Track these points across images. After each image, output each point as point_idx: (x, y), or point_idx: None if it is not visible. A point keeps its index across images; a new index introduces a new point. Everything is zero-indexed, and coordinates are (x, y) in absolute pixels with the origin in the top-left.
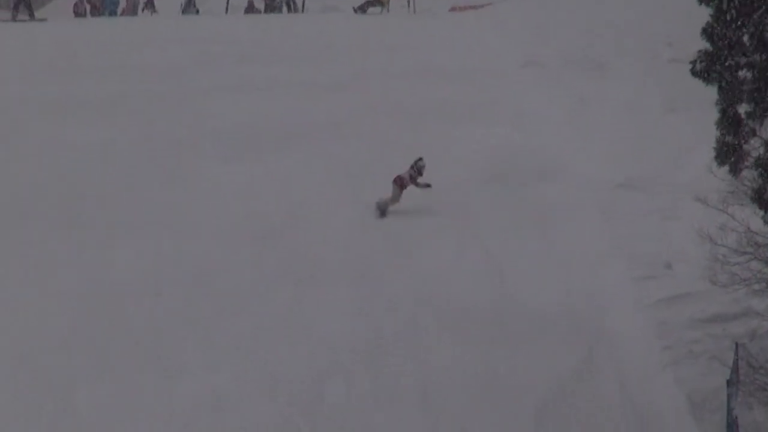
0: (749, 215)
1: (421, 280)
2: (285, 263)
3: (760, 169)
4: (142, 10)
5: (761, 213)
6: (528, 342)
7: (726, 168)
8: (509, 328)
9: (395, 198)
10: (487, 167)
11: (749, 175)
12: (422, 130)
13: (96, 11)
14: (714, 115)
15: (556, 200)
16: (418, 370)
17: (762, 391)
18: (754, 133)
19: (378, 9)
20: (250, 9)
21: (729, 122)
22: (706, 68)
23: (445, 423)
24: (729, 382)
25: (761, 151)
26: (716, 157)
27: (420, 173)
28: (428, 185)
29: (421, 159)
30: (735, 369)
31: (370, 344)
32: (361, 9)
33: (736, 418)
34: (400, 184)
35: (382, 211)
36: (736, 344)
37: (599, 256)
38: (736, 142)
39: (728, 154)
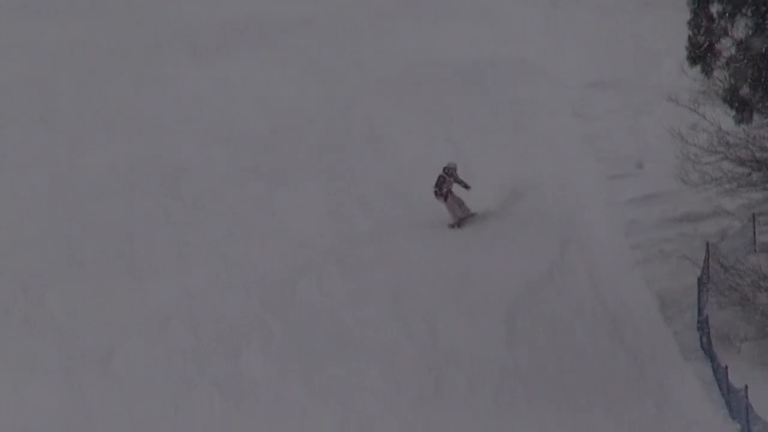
0: (721, 115)
1: (392, 176)
2: (258, 163)
3: (731, 69)
4: None
5: (732, 113)
6: (499, 243)
7: (698, 68)
8: (481, 230)
9: (456, 210)
10: (461, 66)
11: (721, 75)
12: (397, 29)
13: None
14: (686, 15)
15: (529, 99)
16: (389, 270)
17: (732, 290)
18: (725, 33)
19: None
20: None
21: (700, 22)
22: None
23: (416, 322)
24: (700, 282)
25: (733, 51)
26: (688, 57)
27: (451, 175)
28: (467, 185)
29: (447, 166)
30: (705, 268)
31: (342, 243)
32: None
33: (707, 317)
34: (444, 196)
35: (459, 224)
36: (707, 244)
37: (570, 155)
38: (708, 42)
39: (700, 54)
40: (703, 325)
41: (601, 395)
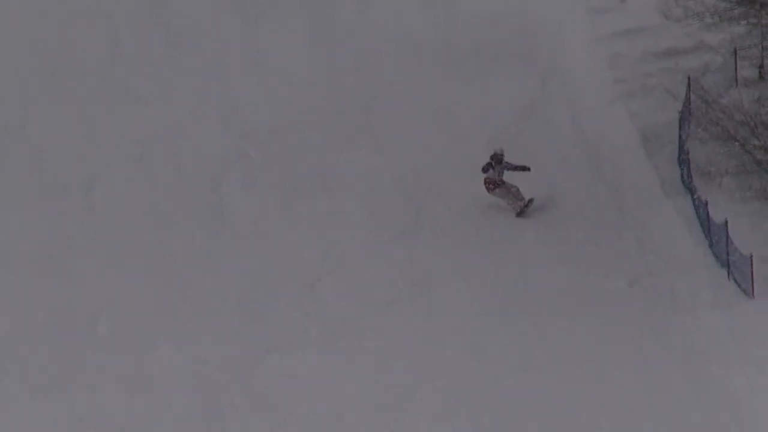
0: None
1: (374, 15)
2: None
3: None
4: None
5: None
6: (481, 77)
7: None
8: (463, 64)
9: (509, 195)
10: None
11: None
12: None
13: None
14: None
15: None
16: (371, 101)
17: (714, 125)
18: None
19: None
20: None
21: None
22: None
23: (397, 155)
24: (681, 116)
25: None
26: None
27: (500, 161)
28: (525, 168)
29: (495, 152)
30: (687, 103)
31: (324, 75)
32: None
33: (688, 151)
34: (493, 184)
35: (524, 209)
36: (689, 78)
37: None
38: None
39: None
40: (684, 159)
41: (582, 227)
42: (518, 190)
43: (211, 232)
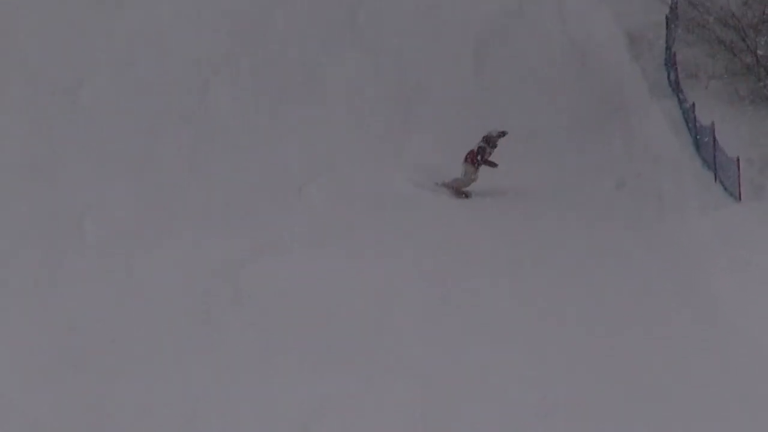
0: None
1: None
2: None
3: None
4: None
5: None
6: None
7: None
8: None
9: (468, 178)
10: None
11: None
12: None
13: None
14: None
15: None
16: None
17: (701, 27)
18: None
19: None
20: None
21: None
22: None
23: (385, 56)
24: (668, 19)
25: None
26: None
27: (491, 144)
28: (494, 164)
29: (488, 135)
30: (674, 5)
31: None
32: None
33: (675, 54)
34: (471, 160)
35: (458, 191)
36: None
37: None
38: None
39: None
40: (670, 62)
41: (568, 134)
42: (473, 177)
43: (198, 136)
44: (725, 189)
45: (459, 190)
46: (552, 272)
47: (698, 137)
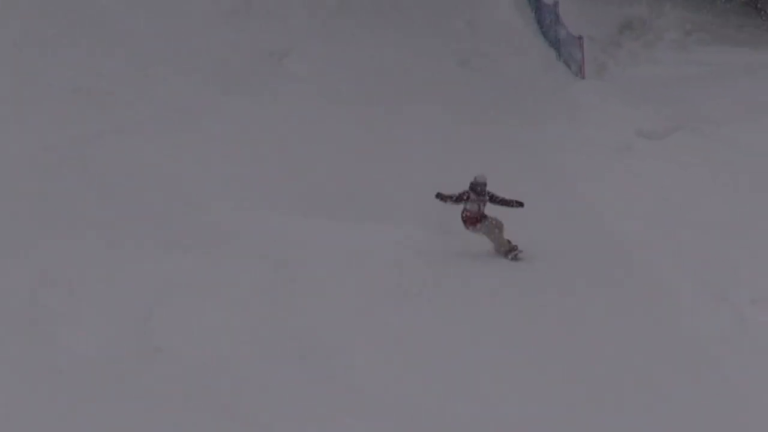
0: None
1: None
2: None
3: None
4: None
5: None
6: None
7: None
8: None
9: (498, 236)
10: None
11: None
12: None
13: None
14: None
15: None
16: None
17: None
18: None
19: None
20: None
21: None
22: None
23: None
24: None
25: None
26: None
27: (478, 192)
28: (519, 203)
29: (475, 181)
30: None
31: None
32: None
33: None
34: (473, 222)
35: (507, 254)
36: None
37: None
38: None
39: None
40: None
41: (412, 15)
42: (503, 226)
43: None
44: (569, 68)
45: (504, 247)
46: (395, 152)
47: (541, 16)
